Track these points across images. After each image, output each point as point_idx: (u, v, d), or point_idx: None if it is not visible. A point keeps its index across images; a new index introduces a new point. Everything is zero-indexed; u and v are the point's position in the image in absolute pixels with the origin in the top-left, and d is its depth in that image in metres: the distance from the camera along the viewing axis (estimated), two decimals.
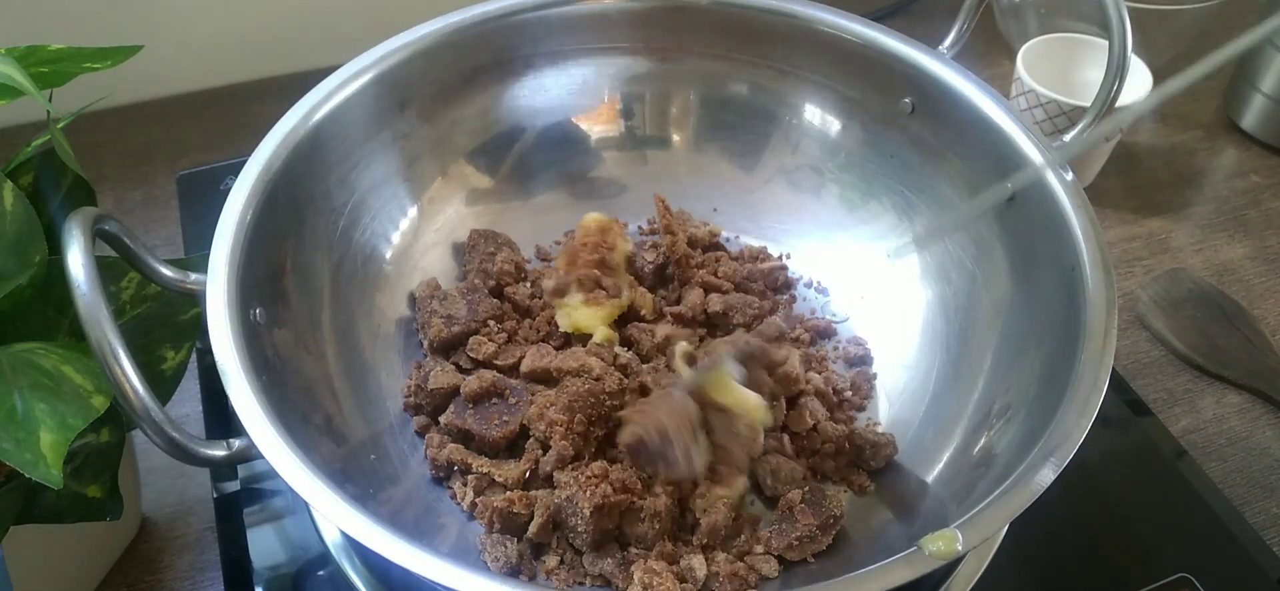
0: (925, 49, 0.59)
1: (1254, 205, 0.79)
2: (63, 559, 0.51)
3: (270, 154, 0.51)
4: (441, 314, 0.57)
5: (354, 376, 0.53)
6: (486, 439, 0.51)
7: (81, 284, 0.37)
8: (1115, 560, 0.54)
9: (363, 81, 0.56)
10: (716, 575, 0.46)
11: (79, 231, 0.38)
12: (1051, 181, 0.51)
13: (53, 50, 0.48)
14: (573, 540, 0.47)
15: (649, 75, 0.66)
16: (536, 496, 0.48)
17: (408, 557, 0.36)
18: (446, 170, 0.63)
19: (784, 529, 0.48)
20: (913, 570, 0.36)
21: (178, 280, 0.45)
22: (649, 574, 0.44)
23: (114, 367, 0.37)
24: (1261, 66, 0.81)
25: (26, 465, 0.37)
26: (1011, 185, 0.53)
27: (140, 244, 0.43)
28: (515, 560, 0.47)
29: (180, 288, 0.45)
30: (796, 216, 0.65)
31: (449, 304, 0.57)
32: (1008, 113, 0.55)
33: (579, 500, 0.46)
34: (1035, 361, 0.49)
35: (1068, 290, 0.48)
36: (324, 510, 0.38)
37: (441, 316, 0.56)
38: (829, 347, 0.59)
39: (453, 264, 0.62)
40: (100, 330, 0.36)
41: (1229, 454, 0.61)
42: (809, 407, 0.53)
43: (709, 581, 0.46)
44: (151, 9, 0.81)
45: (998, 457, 0.46)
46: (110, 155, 0.80)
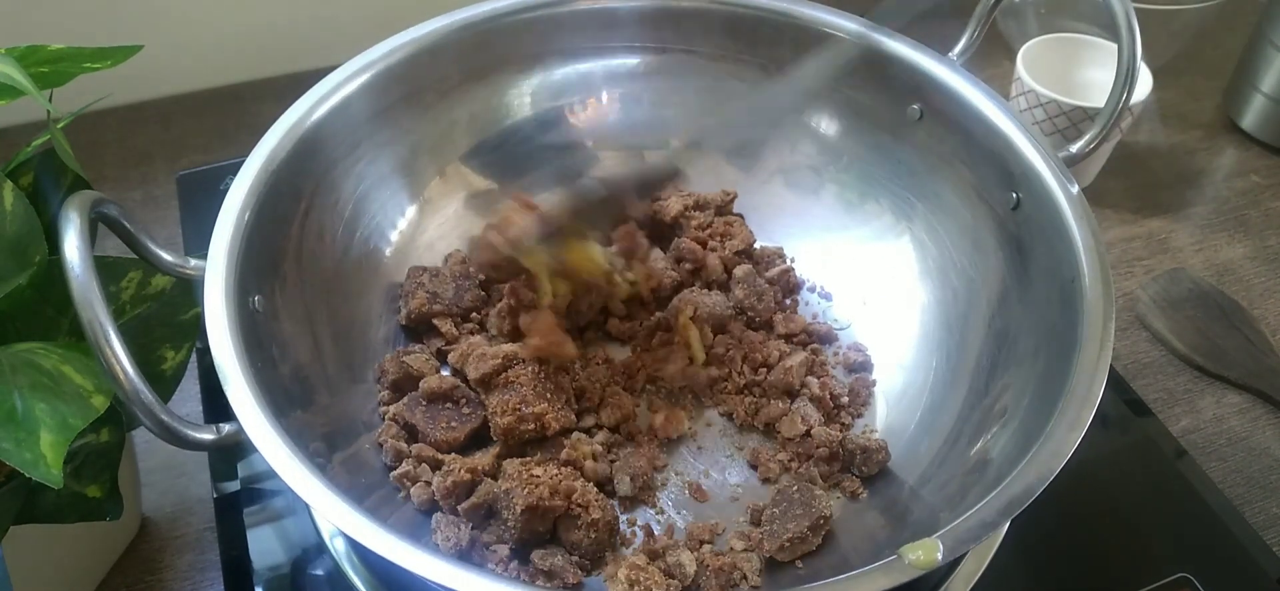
0: (931, 53, 0.59)
1: (1254, 205, 0.79)
2: (63, 559, 0.51)
3: (273, 147, 0.51)
4: (427, 289, 0.57)
5: (355, 370, 0.54)
6: (430, 438, 0.51)
7: (76, 266, 0.37)
8: (1115, 560, 0.54)
9: (363, 79, 0.56)
10: (705, 569, 0.46)
11: (76, 214, 0.38)
12: (1056, 192, 0.51)
13: (53, 50, 0.48)
14: (501, 532, 0.47)
15: (647, 74, 0.66)
16: (484, 479, 0.49)
17: (401, 554, 0.36)
18: (444, 170, 0.63)
19: (774, 531, 0.47)
20: (890, 579, 0.37)
21: (177, 265, 0.45)
22: (634, 570, 0.44)
23: (106, 351, 0.37)
24: (1261, 66, 0.81)
25: (26, 465, 0.37)
26: (1016, 194, 0.53)
27: (140, 227, 0.44)
28: (465, 543, 0.47)
29: (180, 272, 0.45)
30: (799, 217, 0.65)
31: (438, 282, 0.58)
32: (1014, 121, 0.54)
33: (515, 495, 0.46)
34: (1031, 369, 0.49)
35: (1066, 300, 0.48)
36: (313, 501, 0.38)
37: (427, 290, 0.57)
38: (829, 353, 0.59)
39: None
40: (92, 311, 0.36)
41: (1229, 454, 0.61)
42: (801, 412, 0.53)
43: (697, 577, 0.46)
44: (151, 9, 0.81)
45: (992, 463, 0.46)
46: (110, 155, 0.80)
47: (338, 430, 0.50)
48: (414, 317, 0.57)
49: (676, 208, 0.63)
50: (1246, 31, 0.83)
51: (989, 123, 0.55)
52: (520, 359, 0.52)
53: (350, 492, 0.38)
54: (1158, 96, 0.88)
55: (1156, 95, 0.87)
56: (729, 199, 0.64)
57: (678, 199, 0.63)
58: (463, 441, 0.52)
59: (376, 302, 0.58)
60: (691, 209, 0.63)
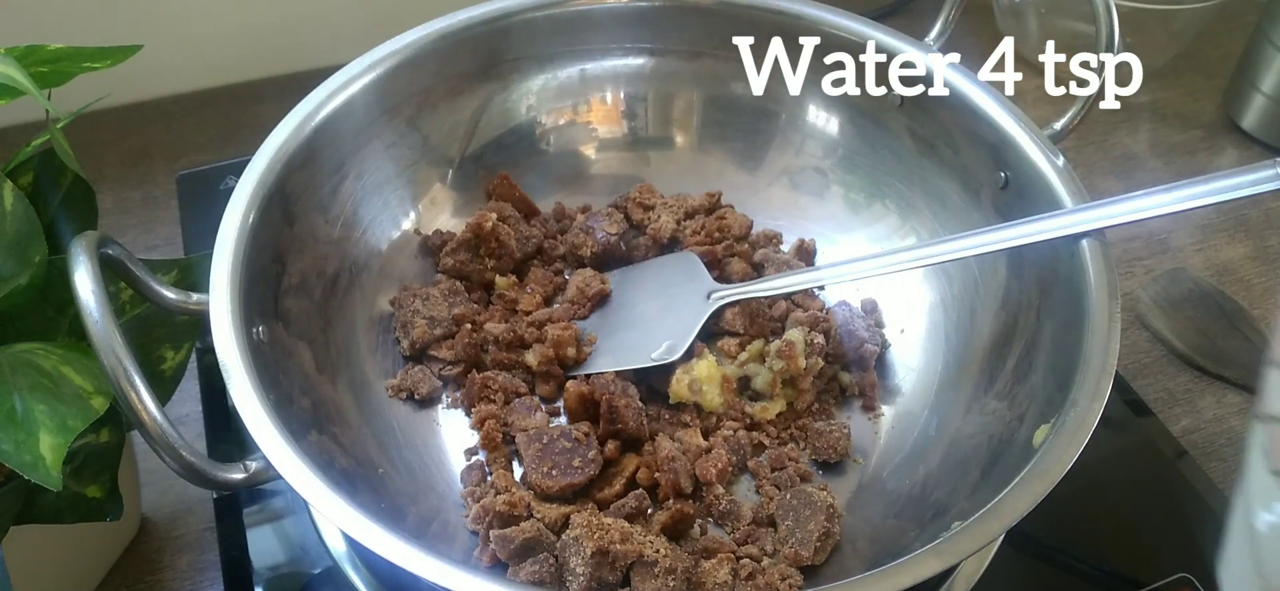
0: (920, 44, 0.59)
1: (1254, 205, 0.79)
2: (63, 559, 0.51)
3: (264, 167, 0.50)
4: (423, 314, 0.56)
5: (356, 389, 0.53)
6: (528, 478, 0.50)
7: (93, 312, 0.37)
8: (1115, 560, 0.54)
9: (357, 87, 0.56)
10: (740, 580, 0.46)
11: (86, 256, 0.38)
12: (1044, 169, 0.52)
13: (53, 50, 0.48)
14: (568, 581, 0.45)
15: (652, 75, 0.66)
16: (530, 517, 0.48)
17: (440, 574, 0.36)
18: (445, 175, 0.63)
19: (801, 537, 0.47)
20: (941, 561, 0.37)
21: (180, 301, 0.45)
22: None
23: (131, 396, 0.37)
24: (1261, 66, 0.81)
25: (26, 466, 0.37)
26: (1004, 173, 0.53)
27: (141, 266, 0.44)
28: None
29: (183, 308, 0.45)
30: (805, 218, 0.65)
31: (431, 305, 0.57)
32: (1001, 103, 0.55)
33: (583, 541, 0.44)
34: (1041, 348, 0.49)
35: (1066, 274, 0.48)
36: (359, 535, 0.37)
37: (423, 317, 0.56)
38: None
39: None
40: (114, 357, 0.37)
41: (1229, 454, 0.61)
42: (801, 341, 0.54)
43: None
44: (151, 9, 0.81)
45: (1014, 442, 0.46)
46: (110, 155, 0.80)
47: (354, 449, 0.49)
48: (418, 347, 0.56)
49: (670, 225, 0.62)
50: (1246, 31, 0.83)
51: (971, 103, 0.56)
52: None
53: (369, 508, 0.38)
54: (1158, 96, 0.88)
55: (1156, 95, 0.87)
56: (715, 198, 0.64)
57: (668, 215, 0.62)
58: (554, 492, 0.50)
59: (376, 313, 0.58)
60: (684, 219, 0.63)
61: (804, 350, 0.54)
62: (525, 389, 0.55)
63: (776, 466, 0.52)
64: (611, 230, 0.61)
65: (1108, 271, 0.47)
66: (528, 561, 0.45)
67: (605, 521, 0.45)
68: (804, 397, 0.55)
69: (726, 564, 0.46)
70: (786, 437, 0.54)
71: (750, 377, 0.55)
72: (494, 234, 0.59)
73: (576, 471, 0.50)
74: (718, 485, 0.51)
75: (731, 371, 0.55)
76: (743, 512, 0.50)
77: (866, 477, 0.53)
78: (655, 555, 0.44)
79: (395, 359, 0.57)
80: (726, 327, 0.57)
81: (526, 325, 0.57)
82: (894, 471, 0.53)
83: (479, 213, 0.60)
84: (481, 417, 0.53)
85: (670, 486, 0.49)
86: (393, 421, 0.54)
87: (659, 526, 0.48)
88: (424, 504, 0.50)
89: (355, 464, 0.48)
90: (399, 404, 0.55)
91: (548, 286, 0.61)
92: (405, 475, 0.51)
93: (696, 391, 0.53)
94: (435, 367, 0.56)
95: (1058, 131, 0.55)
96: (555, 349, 0.55)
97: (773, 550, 0.48)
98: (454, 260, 0.59)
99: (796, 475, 0.52)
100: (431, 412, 0.55)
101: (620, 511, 0.48)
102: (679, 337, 0.55)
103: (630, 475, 0.51)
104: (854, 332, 0.56)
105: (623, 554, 0.44)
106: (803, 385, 0.55)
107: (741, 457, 0.53)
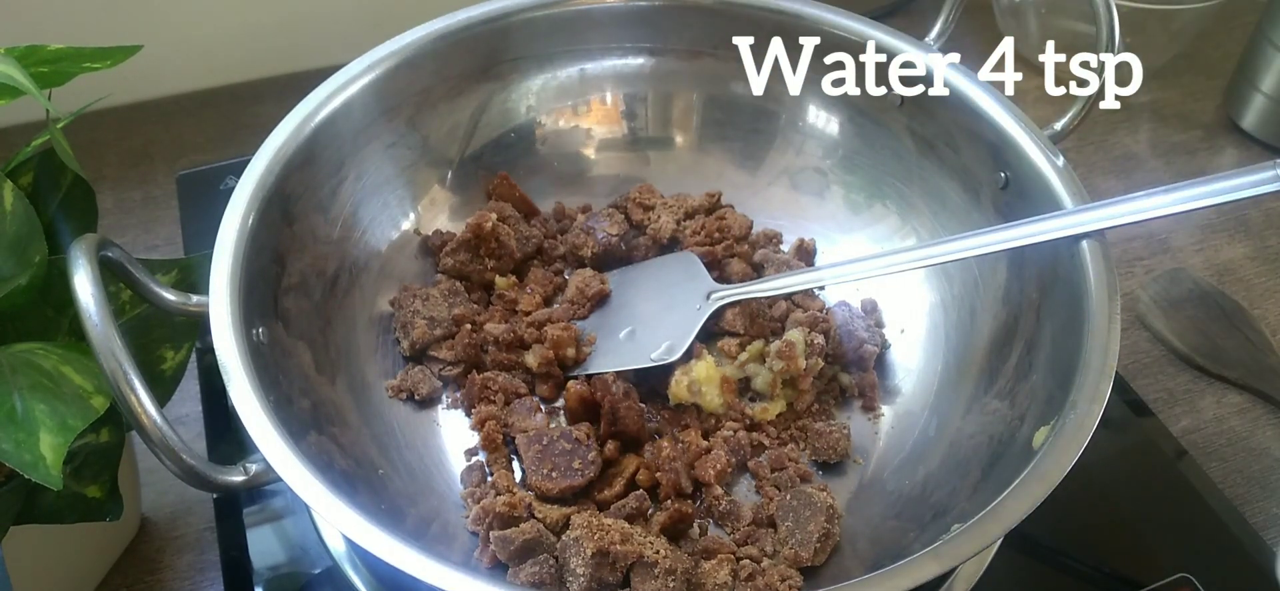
0: (920, 44, 0.59)
1: (1254, 205, 0.79)
2: (63, 559, 0.51)
3: (264, 167, 0.50)
4: (423, 315, 0.56)
5: (356, 390, 0.53)
6: (528, 479, 0.50)
7: (93, 315, 0.37)
8: (1115, 560, 0.54)
9: (357, 88, 0.56)
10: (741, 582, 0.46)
11: (86, 259, 0.38)
12: (1044, 169, 0.51)
13: (53, 50, 0.48)
14: (568, 582, 0.45)
15: (652, 75, 0.66)
16: (529, 519, 0.48)
17: (440, 577, 0.36)
18: (444, 175, 0.63)
19: (802, 538, 0.47)
20: (940, 564, 0.37)
21: (180, 304, 0.45)
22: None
23: (131, 400, 0.36)
24: (1261, 66, 0.81)
25: (26, 466, 0.37)
26: (1004, 174, 0.53)
27: (140, 268, 0.44)
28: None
29: (183, 310, 0.45)
30: (805, 218, 0.65)
31: (431, 305, 0.57)
32: (1001, 104, 0.55)
33: (584, 542, 0.44)
34: (1041, 348, 0.49)
35: (1066, 274, 0.48)
36: (359, 538, 0.37)
37: (424, 317, 0.56)
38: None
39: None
40: (114, 362, 0.36)
41: (1229, 454, 0.61)
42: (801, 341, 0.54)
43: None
44: (151, 9, 0.81)
45: (1014, 443, 0.46)
46: (110, 155, 0.80)
47: (354, 450, 0.49)
48: (418, 347, 0.56)
49: (670, 225, 0.62)
50: (1246, 31, 0.83)
51: (971, 103, 0.56)
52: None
53: (369, 510, 0.38)
54: (1158, 96, 0.88)
55: (1156, 95, 0.87)
56: (715, 198, 0.64)
57: (668, 215, 0.62)
58: (554, 494, 0.50)
59: (375, 313, 0.58)
60: (684, 219, 0.63)
61: (804, 350, 0.54)
62: (525, 389, 0.55)
63: (776, 467, 0.52)
64: (611, 230, 0.61)
65: (1108, 272, 0.47)
66: (528, 562, 0.45)
67: (605, 522, 0.45)
68: (804, 398, 0.55)
69: (726, 564, 0.46)
70: (786, 438, 0.54)
71: (750, 378, 0.55)
72: (494, 234, 0.59)
73: (576, 473, 0.50)
74: (717, 486, 0.51)
75: (731, 372, 0.55)
76: (743, 513, 0.50)
77: (866, 478, 0.53)
78: (655, 556, 0.44)
79: (395, 359, 0.57)
80: (726, 328, 0.57)
81: (526, 325, 0.57)
82: (894, 472, 0.53)
83: (479, 213, 0.60)
84: (481, 418, 0.53)
85: (670, 487, 0.49)
86: (393, 422, 0.54)
87: (659, 527, 0.48)
88: (424, 505, 0.50)
89: (355, 465, 0.48)
90: (399, 404, 0.55)
91: (548, 287, 0.61)
92: (405, 476, 0.51)
93: (696, 393, 0.53)
94: (435, 368, 0.56)
95: (1058, 131, 0.55)
96: (555, 349, 0.55)
97: (773, 551, 0.48)
98: (454, 260, 0.59)
99: (796, 476, 0.52)
100: (431, 413, 0.55)
101: (620, 512, 0.48)
102: (679, 338, 0.55)
103: (630, 476, 0.51)
104: (854, 333, 0.56)
105: (623, 554, 0.44)
106: (803, 385, 0.55)
107: (741, 458, 0.53)
